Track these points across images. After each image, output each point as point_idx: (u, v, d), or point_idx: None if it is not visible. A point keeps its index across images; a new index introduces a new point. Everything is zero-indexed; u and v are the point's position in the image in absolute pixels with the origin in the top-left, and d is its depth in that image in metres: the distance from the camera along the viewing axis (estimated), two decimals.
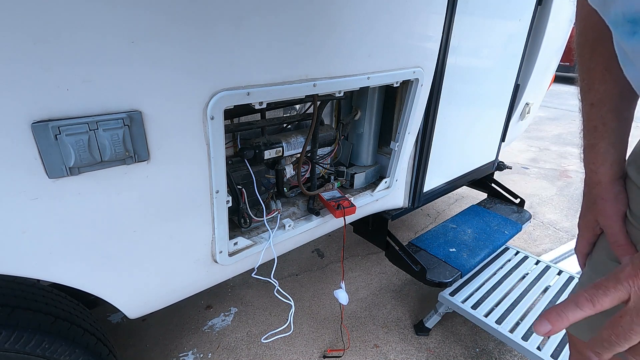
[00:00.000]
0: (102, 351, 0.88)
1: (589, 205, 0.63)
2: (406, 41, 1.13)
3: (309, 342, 1.60)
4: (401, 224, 2.51)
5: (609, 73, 0.55)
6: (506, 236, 1.79)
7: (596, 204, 0.61)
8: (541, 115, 5.36)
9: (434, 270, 1.51)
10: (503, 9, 1.48)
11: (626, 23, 0.42)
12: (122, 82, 0.66)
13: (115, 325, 1.64)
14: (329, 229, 1.32)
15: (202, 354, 1.52)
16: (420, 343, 1.62)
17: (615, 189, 0.58)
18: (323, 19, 0.89)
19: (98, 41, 0.61)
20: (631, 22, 0.41)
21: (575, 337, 0.74)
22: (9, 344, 0.70)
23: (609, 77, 0.55)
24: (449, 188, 1.79)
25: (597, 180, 0.60)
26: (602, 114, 0.56)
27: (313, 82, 0.94)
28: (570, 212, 2.74)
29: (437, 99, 1.38)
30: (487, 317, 1.44)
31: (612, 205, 0.59)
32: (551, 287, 1.62)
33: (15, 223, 0.64)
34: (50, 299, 0.84)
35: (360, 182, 1.43)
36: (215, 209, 0.90)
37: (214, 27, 0.73)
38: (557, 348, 1.32)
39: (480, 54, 1.52)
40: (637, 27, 0.41)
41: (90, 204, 0.71)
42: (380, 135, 1.46)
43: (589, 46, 0.57)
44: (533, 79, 1.91)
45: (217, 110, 0.79)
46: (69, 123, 0.62)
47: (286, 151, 1.16)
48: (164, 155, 0.76)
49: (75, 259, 0.74)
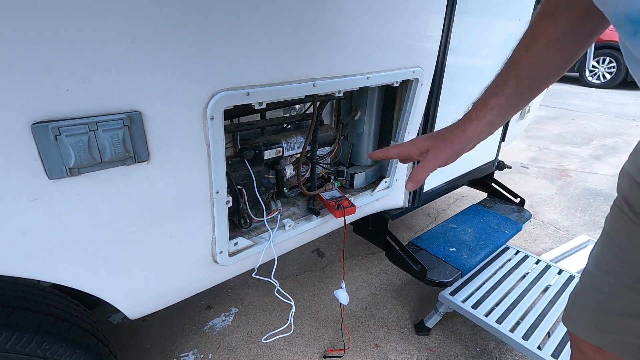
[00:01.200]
0: (102, 352, 0.88)
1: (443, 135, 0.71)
2: (406, 41, 1.13)
3: (310, 342, 1.60)
4: (401, 223, 2.51)
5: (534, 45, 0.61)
6: (506, 236, 1.79)
7: (445, 139, 0.70)
8: (541, 114, 5.36)
9: (434, 270, 1.51)
10: (503, 8, 1.48)
11: (628, 23, 0.42)
12: (121, 82, 0.66)
13: (115, 326, 1.64)
14: (329, 229, 1.32)
15: (202, 354, 1.52)
16: (420, 343, 1.62)
17: (460, 144, 0.69)
18: (323, 18, 0.89)
19: (97, 42, 0.61)
20: (633, 22, 0.41)
21: (577, 336, 0.74)
22: (10, 344, 0.70)
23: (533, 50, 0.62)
24: (449, 188, 1.79)
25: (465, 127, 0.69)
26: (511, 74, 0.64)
27: (313, 82, 0.94)
28: (571, 212, 2.74)
29: (437, 99, 1.38)
30: (487, 316, 1.44)
31: (448, 149, 0.69)
32: (551, 287, 1.62)
33: (15, 224, 0.64)
34: (50, 299, 0.84)
35: (360, 182, 1.43)
36: (215, 209, 0.90)
37: (213, 27, 0.73)
38: (557, 347, 1.32)
39: (480, 54, 1.52)
40: (639, 26, 0.41)
41: (90, 205, 0.71)
42: (380, 135, 1.46)
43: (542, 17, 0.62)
44: None
45: (217, 111, 0.79)
46: (69, 124, 0.62)
47: (286, 151, 1.16)
48: (164, 155, 0.76)
49: (75, 259, 0.74)
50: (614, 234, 0.66)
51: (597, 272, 0.69)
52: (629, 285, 0.62)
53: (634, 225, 0.60)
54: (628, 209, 0.61)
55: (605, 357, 0.69)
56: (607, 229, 0.68)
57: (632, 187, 0.61)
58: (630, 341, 0.64)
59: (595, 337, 0.70)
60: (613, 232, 0.66)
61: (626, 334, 0.64)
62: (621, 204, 0.63)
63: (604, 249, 0.68)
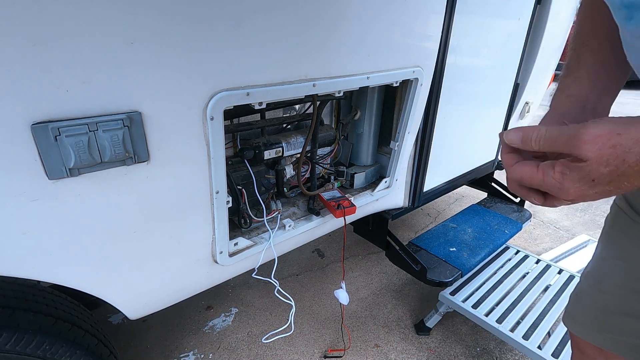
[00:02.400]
0: (102, 352, 0.88)
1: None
2: (406, 41, 1.13)
3: (310, 342, 1.60)
4: (401, 223, 2.51)
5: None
6: (506, 235, 1.79)
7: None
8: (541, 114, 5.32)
9: (435, 270, 1.51)
10: (502, 8, 1.48)
11: (623, 8, 0.42)
12: (121, 83, 0.65)
13: (115, 326, 1.64)
14: (329, 229, 1.32)
15: (202, 355, 1.52)
16: (421, 343, 1.62)
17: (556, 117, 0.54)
18: (322, 18, 0.89)
19: (97, 42, 0.61)
20: (627, 7, 0.42)
21: (578, 337, 0.74)
22: (10, 345, 0.70)
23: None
24: (449, 187, 1.78)
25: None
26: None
27: (313, 82, 0.94)
28: (571, 211, 2.74)
29: (437, 99, 1.38)
30: (487, 316, 1.44)
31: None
32: (551, 286, 1.62)
33: (15, 224, 0.64)
34: (50, 300, 0.84)
35: (360, 181, 1.43)
36: (216, 209, 0.90)
37: (213, 27, 0.72)
38: (557, 347, 1.32)
39: (479, 53, 1.52)
40: (633, 12, 0.41)
41: (90, 205, 0.71)
42: (380, 135, 1.46)
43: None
44: (533, 78, 1.91)
45: (217, 111, 0.79)
46: (69, 124, 0.62)
47: (286, 151, 1.16)
48: (163, 155, 0.76)
49: (75, 260, 0.74)
50: (614, 233, 0.66)
51: (597, 272, 0.69)
52: (629, 285, 0.62)
53: (634, 224, 0.60)
54: (629, 208, 0.61)
55: (606, 357, 0.69)
56: (607, 229, 0.68)
57: None
58: (630, 341, 0.64)
59: (595, 337, 0.70)
60: (613, 231, 0.66)
61: (627, 334, 0.64)
62: (621, 203, 0.63)
63: (605, 248, 0.68)
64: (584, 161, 0.36)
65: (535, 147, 0.41)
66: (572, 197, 0.40)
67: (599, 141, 0.35)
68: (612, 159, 0.34)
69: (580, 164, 0.37)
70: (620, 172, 0.35)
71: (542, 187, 0.42)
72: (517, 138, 0.43)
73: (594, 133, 0.35)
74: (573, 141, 0.36)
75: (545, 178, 0.41)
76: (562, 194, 0.40)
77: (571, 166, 0.38)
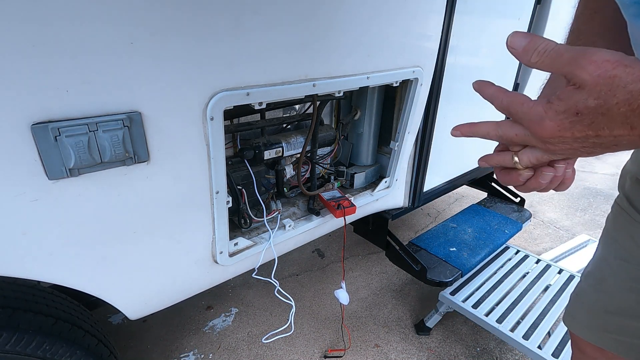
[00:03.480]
0: (103, 352, 0.88)
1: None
2: (405, 41, 1.13)
3: (310, 342, 1.60)
4: (401, 223, 2.51)
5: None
6: (506, 235, 1.79)
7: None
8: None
9: (435, 270, 1.51)
10: (502, 8, 1.48)
11: (633, 4, 0.41)
12: (121, 83, 0.65)
13: (116, 327, 1.64)
14: (329, 229, 1.32)
15: (203, 355, 1.52)
16: (421, 342, 1.62)
17: None
18: (322, 18, 0.89)
19: (97, 42, 0.61)
20: (637, 3, 0.41)
21: (578, 336, 0.74)
22: (10, 345, 0.70)
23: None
24: (449, 187, 1.78)
25: None
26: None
27: (312, 82, 0.94)
28: (571, 211, 2.74)
29: (437, 98, 1.38)
30: (487, 316, 1.44)
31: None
32: (552, 286, 1.62)
33: (15, 225, 0.64)
34: (50, 300, 0.84)
35: (360, 181, 1.43)
36: (216, 209, 0.90)
37: (213, 27, 0.72)
38: (558, 347, 1.32)
39: (479, 53, 1.52)
40: None
41: (90, 205, 0.71)
42: (380, 135, 1.46)
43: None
44: (532, 78, 1.91)
45: (217, 111, 0.79)
46: (69, 124, 0.62)
47: (286, 151, 1.16)
48: (163, 156, 0.76)
49: (75, 260, 0.74)
50: (615, 232, 0.66)
51: (598, 272, 0.68)
52: (630, 285, 0.62)
53: (635, 223, 0.60)
54: (630, 207, 0.61)
55: (606, 357, 0.69)
56: (608, 228, 0.68)
57: (634, 185, 0.61)
58: (631, 341, 0.64)
59: (596, 337, 0.70)
60: (614, 231, 0.66)
61: (627, 334, 0.64)
62: (623, 203, 0.63)
63: (605, 248, 0.68)
64: (577, 86, 0.35)
65: (535, 60, 0.38)
66: (548, 134, 0.37)
67: (604, 66, 0.33)
68: (605, 90, 0.33)
69: (573, 88, 0.35)
70: (605, 110, 0.33)
71: (522, 116, 0.39)
72: (521, 44, 0.39)
73: (603, 57, 0.33)
74: (580, 59, 0.34)
75: (532, 104, 0.38)
76: (538, 128, 0.37)
77: (561, 93, 0.36)
